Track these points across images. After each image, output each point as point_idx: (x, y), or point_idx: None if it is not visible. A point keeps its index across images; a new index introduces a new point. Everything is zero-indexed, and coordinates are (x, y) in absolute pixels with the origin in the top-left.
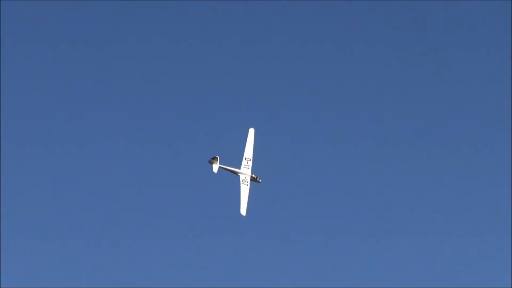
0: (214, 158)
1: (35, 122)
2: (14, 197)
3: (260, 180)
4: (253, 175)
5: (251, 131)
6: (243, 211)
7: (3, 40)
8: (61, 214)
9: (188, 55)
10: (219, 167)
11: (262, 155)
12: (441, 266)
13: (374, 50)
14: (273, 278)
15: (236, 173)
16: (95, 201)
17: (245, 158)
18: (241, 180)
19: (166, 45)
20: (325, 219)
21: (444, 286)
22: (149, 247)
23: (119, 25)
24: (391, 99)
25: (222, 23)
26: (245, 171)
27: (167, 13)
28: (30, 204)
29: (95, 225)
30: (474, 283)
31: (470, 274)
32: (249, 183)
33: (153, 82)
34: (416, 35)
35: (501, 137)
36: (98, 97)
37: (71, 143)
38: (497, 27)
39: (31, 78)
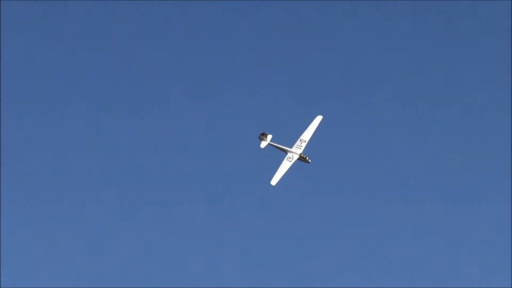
0: (264, 134)
1: (35, 122)
2: (14, 197)
3: (310, 161)
4: (303, 155)
5: (318, 118)
6: (274, 181)
7: (3, 40)
8: (61, 214)
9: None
10: (269, 144)
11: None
12: (441, 266)
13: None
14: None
15: (285, 151)
16: (94, 201)
17: (300, 140)
18: (286, 156)
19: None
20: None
21: (444, 286)
22: (150, 247)
23: (119, 25)
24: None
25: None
26: (295, 150)
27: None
28: (30, 204)
29: (95, 225)
30: (474, 283)
31: (470, 274)
32: (293, 161)
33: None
34: (416, 35)
35: (501, 138)
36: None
37: (71, 142)
38: (497, 27)
39: (31, 78)
